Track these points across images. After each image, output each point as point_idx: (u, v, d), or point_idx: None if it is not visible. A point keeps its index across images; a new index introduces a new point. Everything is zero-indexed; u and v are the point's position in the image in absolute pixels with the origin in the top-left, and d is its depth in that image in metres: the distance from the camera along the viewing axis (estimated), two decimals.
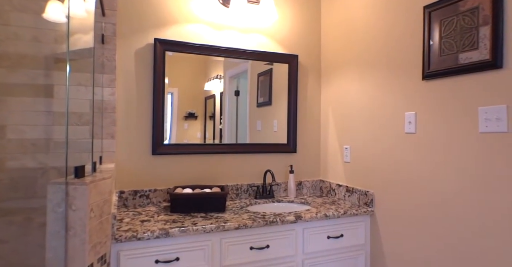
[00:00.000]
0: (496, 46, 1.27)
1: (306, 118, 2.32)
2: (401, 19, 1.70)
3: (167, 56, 1.94)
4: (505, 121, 1.24)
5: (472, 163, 1.35)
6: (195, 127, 2.03)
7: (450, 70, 1.44)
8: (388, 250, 1.74)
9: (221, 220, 1.55)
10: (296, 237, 1.66)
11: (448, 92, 1.46)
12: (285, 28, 2.26)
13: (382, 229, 1.78)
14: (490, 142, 1.28)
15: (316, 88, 2.36)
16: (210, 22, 2.06)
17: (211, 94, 2.08)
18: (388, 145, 1.77)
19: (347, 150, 2.07)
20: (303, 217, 1.65)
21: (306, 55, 2.33)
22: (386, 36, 1.80)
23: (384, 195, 1.78)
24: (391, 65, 1.76)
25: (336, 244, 1.75)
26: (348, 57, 2.08)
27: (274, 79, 2.24)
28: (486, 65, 1.30)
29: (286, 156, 2.25)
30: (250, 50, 2.12)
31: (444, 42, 1.48)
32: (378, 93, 1.84)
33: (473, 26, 1.36)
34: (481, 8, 1.34)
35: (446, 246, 1.45)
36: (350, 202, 1.99)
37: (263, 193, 2.08)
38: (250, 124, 2.18)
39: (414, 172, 1.61)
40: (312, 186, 2.29)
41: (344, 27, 2.12)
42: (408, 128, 1.64)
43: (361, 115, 1.96)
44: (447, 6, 1.48)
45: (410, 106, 1.64)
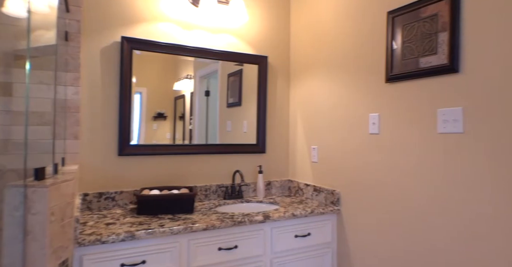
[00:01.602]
0: (453, 52, 1.34)
1: (275, 119, 2.35)
2: (367, 23, 1.76)
3: (135, 55, 1.90)
4: (461, 122, 1.32)
5: (431, 162, 1.42)
6: (164, 127, 2.00)
7: (412, 74, 1.51)
8: (354, 247, 1.80)
9: (189, 221, 1.54)
10: (265, 237, 1.67)
11: (410, 94, 1.53)
12: (255, 29, 2.27)
13: (348, 227, 1.84)
14: (448, 142, 1.36)
15: (285, 89, 2.39)
16: (179, 21, 2.03)
17: (181, 94, 2.05)
18: (353, 145, 1.82)
19: (314, 150, 2.11)
20: (271, 216, 1.67)
21: (276, 56, 2.35)
22: (352, 39, 1.85)
23: (350, 194, 1.83)
24: (356, 68, 1.82)
25: (303, 243, 1.78)
26: (316, 59, 2.12)
27: (244, 79, 2.25)
28: (444, 69, 1.38)
29: (255, 157, 2.26)
30: (219, 50, 2.12)
31: (406, 46, 1.55)
32: (344, 95, 1.89)
33: (433, 32, 1.44)
34: (440, 15, 1.41)
35: (407, 241, 1.51)
36: (317, 201, 2.04)
37: (232, 193, 2.08)
38: (220, 124, 2.18)
39: (378, 171, 1.67)
40: (281, 186, 2.31)
41: (313, 30, 2.16)
42: (372, 129, 1.70)
43: (328, 116, 2.01)
44: (409, 12, 1.55)
45: (374, 108, 1.70)
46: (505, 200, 1.17)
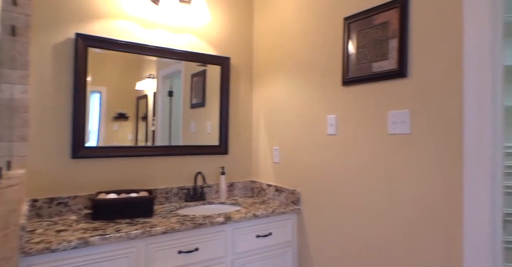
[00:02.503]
0: (402, 57, 1.43)
1: (239, 120, 2.36)
2: (325, 28, 1.82)
3: (95, 53, 1.82)
4: (408, 123, 1.40)
5: (383, 161, 1.50)
6: (126, 128, 1.93)
7: (365, 78, 1.58)
8: (313, 244, 1.84)
9: (147, 225, 1.50)
10: (226, 238, 1.67)
11: (364, 97, 1.60)
12: (218, 30, 2.27)
13: (308, 225, 1.88)
14: (397, 142, 1.44)
15: (248, 90, 2.41)
16: (139, 19, 1.97)
17: (143, 94, 2.00)
18: (313, 146, 1.87)
19: (276, 151, 2.15)
20: (233, 217, 1.67)
21: (239, 57, 2.36)
22: (311, 43, 1.91)
23: (310, 193, 1.88)
24: (316, 71, 1.87)
25: (265, 243, 1.80)
26: (278, 61, 2.16)
27: (208, 80, 2.23)
28: (394, 74, 1.46)
29: (218, 158, 2.25)
30: (181, 50, 2.08)
31: (361, 51, 1.62)
32: (304, 97, 1.94)
33: (384, 39, 1.51)
34: (391, 22, 1.49)
35: (363, 235, 1.58)
36: (279, 201, 2.07)
37: (194, 195, 2.06)
38: (183, 125, 2.14)
39: (335, 170, 1.73)
40: (244, 187, 2.32)
41: (275, 32, 2.20)
42: (330, 130, 1.76)
43: (289, 118, 2.05)
44: (363, 19, 1.62)
45: (331, 110, 1.76)
46: (446, 193, 1.26)
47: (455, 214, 1.24)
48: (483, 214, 1.16)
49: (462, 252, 1.21)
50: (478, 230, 1.17)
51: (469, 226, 1.19)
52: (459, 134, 1.23)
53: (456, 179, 1.24)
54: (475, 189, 1.18)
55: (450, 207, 1.25)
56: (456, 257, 1.23)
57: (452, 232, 1.25)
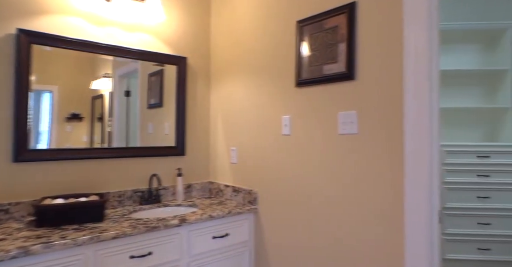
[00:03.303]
0: (350, 61, 1.49)
1: (196, 121, 2.33)
2: (280, 30, 1.86)
3: (44, 50, 1.72)
4: (356, 124, 1.47)
5: (334, 160, 1.56)
6: (80, 129, 1.84)
7: (317, 80, 1.63)
8: (270, 243, 1.87)
9: (96, 230, 1.44)
10: (181, 241, 1.65)
11: (316, 98, 1.65)
12: (174, 29, 2.23)
13: (265, 225, 1.91)
14: (346, 141, 1.50)
15: (206, 91, 2.39)
16: (90, 15, 1.89)
17: (99, 93, 1.92)
18: (269, 146, 1.90)
19: (234, 151, 2.15)
20: (188, 219, 1.65)
21: (196, 57, 2.33)
22: (267, 45, 1.93)
23: (266, 193, 1.91)
24: (271, 72, 1.90)
25: (222, 243, 1.80)
26: (235, 62, 2.16)
27: (166, 80, 2.19)
28: (343, 76, 1.52)
29: (175, 159, 2.21)
30: (135, 49, 2.02)
31: (313, 54, 1.67)
32: (260, 98, 1.97)
33: (334, 42, 1.58)
34: (340, 27, 1.55)
35: (316, 232, 1.63)
36: (236, 201, 2.08)
37: (149, 198, 2.01)
38: (141, 126, 2.08)
39: (290, 170, 1.77)
40: (202, 188, 2.30)
41: (232, 33, 2.20)
42: (285, 131, 1.80)
43: (246, 118, 2.07)
44: (315, 23, 1.67)
45: (286, 110, 1.80)
46: (389, 189, 1.34)
47: (398, 208, 1.32)
48: (421, 208, 1.24)
49: (404, 243, 1.29)
50: (418, 223, 1.25)
51: (409, 219, 1.27)
52: (401, 134, 1.31)
53: (398, 176, 1.32)
54: (415, 184, 1.26)
55: (393, 202, 1.33)
56: (399, 248, 1.31)
57: (395, 225, 1.33)
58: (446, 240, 2.78)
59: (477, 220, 2.76)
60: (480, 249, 2.75)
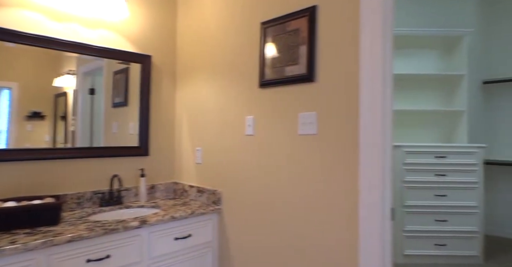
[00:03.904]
0: (311, 63, 1.53)
1: (161, 120, 2.29)
2: (245, 31, 1.87)
3: (3, 46, 1.64)
4: (315, 125, 1.50)
5: (295, 159, 1.58)
6: (42, 128, 1.76)
7: (279, 81, 1.66)
8: (234, 243, 1.88)
9: (50, 234, 1.38)
10: (142, 243, 1.62)
11: (278, 99, 1.67)
12: (138, 27, 2.18)
13: (229, 225, 1.91)
14: (306, 142, 1.54)
15: (171, 90, 2.36)
16: (49, 10, 1.81)
17: (62, 91, 1.84)
18: (233, 146, 1.91)
19: (199, 151, 2.14)
20: (149, 221, 1.62)
21: (161, 56, 2.30)
22: (232, 45, 1.94)
23: (230, 193, 1.91)
24: (236, 72, 1.91)
25: (184, 244, 1.79)
26: (201, 61, 2.15)
27: (131, 78, 2.14)
28: (304, 78, 1.55)
29: (138, 159, 2.17)
30: (97, 46, 1.96)
31: (276, 55, 1.70)
32: (225, 98, 1.97)
33: (295, 45, 1.61)
34: (301, 30, 1.59)
35: (278, 230, 1.65)
36: (200, 202, 2.07)
37: (110, 200, 1.95)
38: (105, 125, 2.03)
39: (253, 170, 1.78)
40: (166, 188, 2.27)
41: (198, 33, 2.19)
42: (248, 131, 1.81)
43: (211, 118, 2.06)
44: (277, 25, 1.69)
45: (250, 111, 1.82)
46: (346, 188, 1.38)
47: (353, 206, 1.37)
48: (374, 205, 1.29)
49: (358, 239, 1.34)
50: (371, 220, 1.30)
51: (363, 216, 1.32)
52: (356, 135, 1.36)
53: (354, 176, 1.37)
54: (368, 183, 1.31)
55: (349, 200, 1.38)
56: (354, 243, 1.36)
57: (351, 222, 1.37)
58: (406, 236, 2.90)
59: (435, 217, 2.90)
60: (437, 244, 2.89)
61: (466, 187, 2.89)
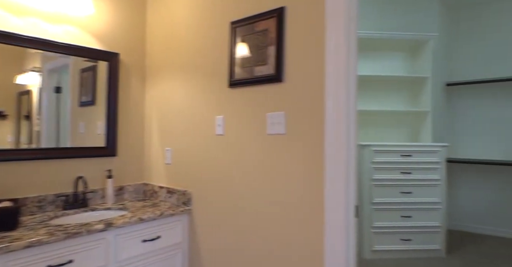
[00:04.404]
0: (279, 63, 1.54)
1: (129, 120, 2.24)
2: (215, 30, 1.86)
3: None
4: (283, 124, 1.52)
5: (264, 159, 1.59)
6: (4, 128, 1.67)
7: (248, 81, 1.66)
8: (204, 244, 1.86)
9: (7, 239, 1.31)
10: (107, 246, 1.57)
11: (247, 99, 1.68)
12: (105, 23, 2.11)
13: (199, 226, 1.90)
14: (274, 141, 1.55)
15: (141, 89, 2.30)
16: (8, 4, 1.71)
17: (26, 89, 1.75)
18: (203, 146, 1.89)
19: (168, 152, 2.10)
20: (115, 223, 1.58)
21: (130, 54, 2.24)
22: (202, 44, 1.92)
23: (201, 193, 1.90)
24: (206, 72, 1.89)
25: (153, 247, 1.75)
26: (171, 60, 2.12)
27: (99, 76, 2.07)
28: (272, 78, 1.56)
29: (105, 160, 2.10)
30: (61, 42, 1.88)
31: (245, 55, 1.70)
32: (195, 97, 1.95)
33: (264, 45, 1.61)
34: (269, 30, 1.60)
35: (249, 230, 1.66)
36: (170, 203, 2.04)
37: (74, 202, 1.88)
38: (72, 125, 1.95)
39: (223, 170, 1.78)
40: (135, 190, 2.22)
41: (168, 31, 2.15)
42: (218, 131, 1.80)
43: (181, 118, 2.04)
44: (247, 25, 1.70)
45: (220, 110, 1.81)
46: (313, 186, 1.41)
47: (319, 204, 1.39)
48: (339, 203, 1.32)
49: (324, 236, 1.36)
50: (336, 217, 1.33)
51: (328, 213, 1.35)
52: (322, 134, 1.39)
53: (320, 174, 1.39)
54: (333, 181, 1.34)
55: (315, 199, 1.40)
56: (320, 240, 1.38)
57: (317, 220, 1.40)
58: (374, 233, 2.99)
59: (400, 214, 3.01)
60: (403, 239, 3.01)
61: (430, 184, 3.03)
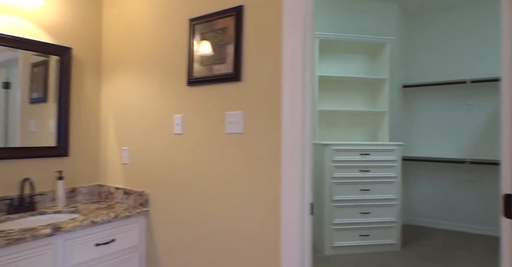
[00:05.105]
0: (237, 62, 1.53)
1: (83, 118, 2.13)
2: (173, 27, 1.81)
3: None
4: (242, 124, 1.51)
5: (223, 158, 1.58)
6: None
7: (207, 79, 1.64)
8: (163, 246, 1.82)
9: None
10: (56, 252, 1.48)
11: (206, 98, 1.65)
12: (56, 15, 1.99)
13: (157, 227, 1.84)
14: (233, 140, 1.54)
15: (96, 86, 2.20)
16: None
17: None
18: (161, 146, 1.84)
19: (125, 151, 2.03)
20: (64, 227, 1.49)
21: (84, 49, 2.13)
22: (161, 41, 1.87)
23: (158, 194, 1.85)
24: (164, 70, 1.84)
25: (107, 250, 1.68)
26: (129, 57, 2.04)
27: (52, 72, 1.95)
28: (231, 77, 1.55)
29: (56, 161, 1.98)
30: (5, 35, 1.75)
31: (204, 53, 1.67)
32: (153, 96, 1.89)
33: (223, 43, 1.60)
34: (228, 29, 1.58)
35: (207, 230, 1.64)
36: (127, 204, 1.96)
37: (20, 206, 1.76)
38: (22, 123, 1.82)
39: (182, 170, 1.74)
40: (89, 191, 2.12)
41: (125, 26, 2.07)
42: (177, 130, 1.76)
43: (139, 116, 1.97)
44: (206, 22, 1.67)
45: (178, 109, 1.77)
46: (270, 184, 1.42)
47: (276, 201, 1.40)
48: (294, 200, 1.34)
49: (280, 233, 1.38)
50: (291, 215, 1.35)
51: (285, 211, 1.36)
52: (279, 134, 1.40)
53: (277, 173, 1.40)
54: (289, 180, 1.35)
55: (272, 197, 1.41)
56: (277, 237, 1.39)
57: (274, 217, 1.41)
58: (335, 229, 3.08)
59: (359, 210, 3.12)
60: (361, 235, 3.12)
61: (387, 182, 3.16)
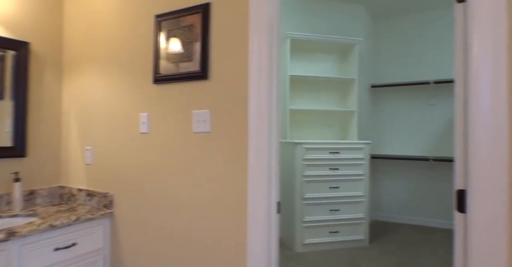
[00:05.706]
0: (204, 60, 1.51)
1: (43, 117, 2.02)
2: (139, 24, 1.76)
3: None
4: (209, 122, 1.49)
5: (190, 158, 1.55)
6: None
7: (174, 77, 1.60)
8: (128, 249, 1.76)
9: None
10: (9, 258, 1.40)
11: (173, 96, 1.62)
12: (12, 7, 1.88)
13: (122, 229, 1.79)
14: (200, 140, 1.52)
15: (57, 83, 2.10)
16: None
17: None
18: (126, 145, 1.79)
19: (88, 151, 1.95)
20: (19, 232, 1.41)
21: (43, 45, 2.02)
22: (126, 37, 1.81)
23: (124, 195, 1.79)
24: (129, 67, 1.79)
25: (67, 255, 1.61)
26: (92, 54, 1.96)
27: (8, 67, 1.84)
28: (197, 75, 1.53)
29: (13, 161, 1.87)
30: None
31: (170, 51, 1.63)
32: (118, 94, 1.83)
33: (190, 41, 1.57)
34: (195, 26, 1.55)
35: (175, 231, 1.60)
36: (90, 206, 1.89)
37: None
38: None
39: (148, 169, 1.69)
40: (50, 194, 2.02)
41: (88, 21, 1.98)
42: (142, 129, 1.72)
43: (103, 115, 1.90)
44: (172, 19, 1.63)
45: (144, 107, 1.72)
46: (237, 183, 1.41)
47: (242, 202, 1.40)
48: (262, 200, 1.34)
49: (247, 231, 1.37)
50: (258, 213, 1.34)
51: (252, 210, 1.36)
52: (246, 133, 1.39)
53: (244, 172, 1.39)
54: (255, 179, 1.35)
55: (239, 197, 1.40)
56: (244, 236, 1.39)
57: (240, 217, 1.40)
58: (305, 227, 3.12)
59: (329, 207, 3.17)
60: (331, 232, 3.18)
61: (355, 179, 3.24)
